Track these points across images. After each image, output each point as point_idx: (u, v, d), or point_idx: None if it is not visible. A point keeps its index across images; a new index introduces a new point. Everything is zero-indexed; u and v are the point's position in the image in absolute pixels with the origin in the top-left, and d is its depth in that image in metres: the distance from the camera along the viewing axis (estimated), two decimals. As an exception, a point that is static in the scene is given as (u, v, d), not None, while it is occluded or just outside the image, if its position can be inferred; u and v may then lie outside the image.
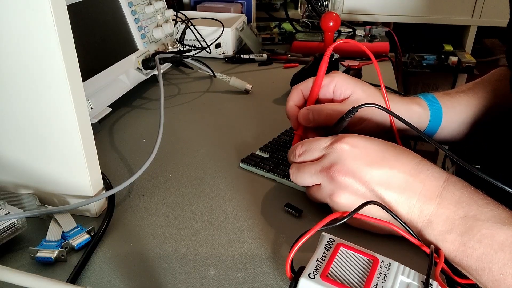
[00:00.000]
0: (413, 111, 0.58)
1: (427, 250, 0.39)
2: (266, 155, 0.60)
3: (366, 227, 0.45)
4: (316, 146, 0.46)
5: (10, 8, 0.38)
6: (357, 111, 0.48)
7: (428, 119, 0.58)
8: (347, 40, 0.59)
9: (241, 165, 0.59)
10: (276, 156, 0.60)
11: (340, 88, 0.56)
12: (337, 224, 0.38)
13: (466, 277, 0.40)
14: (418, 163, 0.43)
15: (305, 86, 0.57)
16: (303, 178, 0.47)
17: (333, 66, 0.79)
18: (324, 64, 0.56)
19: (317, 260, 0.35)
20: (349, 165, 0.43)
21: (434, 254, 0.38)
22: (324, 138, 0.47)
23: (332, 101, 0.57)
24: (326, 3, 1.11)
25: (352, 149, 0.43)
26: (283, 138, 0.65)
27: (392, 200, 0.42)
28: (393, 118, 0.54)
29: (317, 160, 0.46)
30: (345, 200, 0.43)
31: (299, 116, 0.55)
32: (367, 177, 0.42)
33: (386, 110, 0.49)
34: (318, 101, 0.57)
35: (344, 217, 0.39)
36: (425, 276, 0.35)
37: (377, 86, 0.87)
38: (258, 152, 0.61)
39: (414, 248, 0.40)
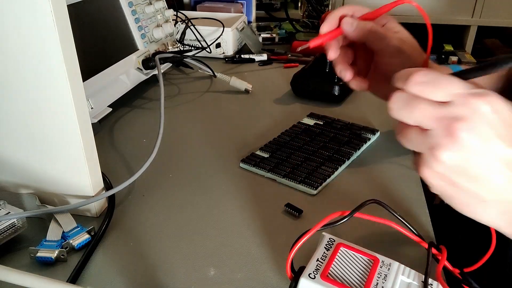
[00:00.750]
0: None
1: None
2: (266, 155, 0.60)
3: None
4: (446, 87, 0.36)
5: (11, 8, 0.38)
6: None
7: None
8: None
9: (241, 165, 0.59)
10: (276, 156, 0.60)
11: (391, 24, 0.54)
12: (337, 224, 0.38)
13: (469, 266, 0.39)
14: None
15: (359, 10, 0.53)
16: (411, 113, 0.36)
17: (333, 66, 0.78)
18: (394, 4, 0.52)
19: (317, 260, 0.35)
20: (481, 130, 0.34)
21: (437, 252, 0.38)
22: (457, 80, 0.36)
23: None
24: (326, 3, 1.11)
25: (491, 114, 0.35)
26: (283, 138, 0.65)
27: None
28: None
29: (438, 103, 0.36)
30: (449, 161, 0.35)
31: (344, 19, 0.51)
32: (495, 151, 0.35)
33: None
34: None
35: (344, 217, 0.39)
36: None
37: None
38: (258, 152, 0.61)
39: (414, 248, 0.40)
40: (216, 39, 0.98)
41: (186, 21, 0.96)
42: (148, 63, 0.78)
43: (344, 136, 0.65)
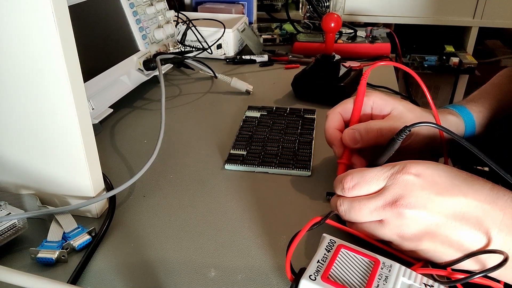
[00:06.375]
0: (450, 122, 0.56)
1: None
2: (244, 152, 0.61)
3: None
4: (373, 178, 0.41)
5: (12, 9, 0.38)
6: (409, 130, 0.42)
7: (464, 128, 0.57)
8: (389, 62, 0.58)
9: (227, 166, 0.59)
10: (253, 151, 0.61)
11: (379, 106, 0.53)
12: (329, 216, 0.39)
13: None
14: (491, 189, 0.38)
15: (343, 108, 0.54)
16: (360, 215, 0.41)
17: (334, 67, 0.79)
18: (362, 87, 0.53)
19: (318, 261, 0.35)
20: (418, 197, 0.38)
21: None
22: (378, 168, 0.42)
23: (372, 119, 0.54)
24: (327, 4, 1.11)
25: (417, 178, 0.39)
26: (245, 133, 0.66)
27: (470, 232, 0.37)
28: (438, 132, 0.52)
29: (375, 194, 0.41)
30: (418, 234, 0.39)
31: (345, 137, 0.51)
32: (439, 208, 0.38)
33: (440, 127, 0.45)
34: (359, 121, 0.54)
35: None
36: (425, 278, 0.35)
37: (380, 88, 0.87)
38: (234, 151, 0.62)
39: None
40: (217, 40, 0.98)
41: (187, 22, 0.96)
42: (149, 64, 0.78)
43: (292, 120, 0.70)
